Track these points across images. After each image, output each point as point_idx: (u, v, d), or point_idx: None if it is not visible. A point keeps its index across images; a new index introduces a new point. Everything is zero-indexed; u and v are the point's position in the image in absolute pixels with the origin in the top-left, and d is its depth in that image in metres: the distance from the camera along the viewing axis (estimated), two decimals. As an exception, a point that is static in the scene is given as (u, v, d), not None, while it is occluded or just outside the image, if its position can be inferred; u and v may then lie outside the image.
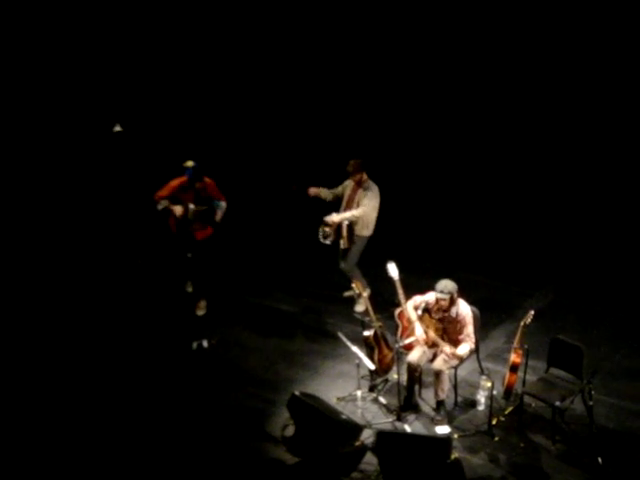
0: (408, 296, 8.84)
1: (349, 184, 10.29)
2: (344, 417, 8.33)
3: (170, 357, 9.65)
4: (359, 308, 10.36)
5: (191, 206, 10.00)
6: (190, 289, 10.76)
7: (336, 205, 10.34)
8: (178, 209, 10.00)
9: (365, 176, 10.18)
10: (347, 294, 10.30)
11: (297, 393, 8.35)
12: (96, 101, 13.70)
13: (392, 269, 8.92)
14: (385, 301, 9.77)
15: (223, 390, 9.14)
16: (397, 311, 8.92)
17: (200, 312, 10.52)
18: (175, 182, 10.08)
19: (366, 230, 10.23)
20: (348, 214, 10.09)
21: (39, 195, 12.91)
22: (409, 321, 8.75)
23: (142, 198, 10.72)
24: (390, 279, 8.90)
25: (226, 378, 9.35)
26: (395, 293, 8.88)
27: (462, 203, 12.97)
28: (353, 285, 9.42)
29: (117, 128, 10.14)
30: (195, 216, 10.02)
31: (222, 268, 11.36)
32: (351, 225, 10.15)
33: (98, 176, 12.88)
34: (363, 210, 10.06)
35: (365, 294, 9.35)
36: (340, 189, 10.37)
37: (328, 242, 10.17)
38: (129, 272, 11.31)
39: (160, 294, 10.89)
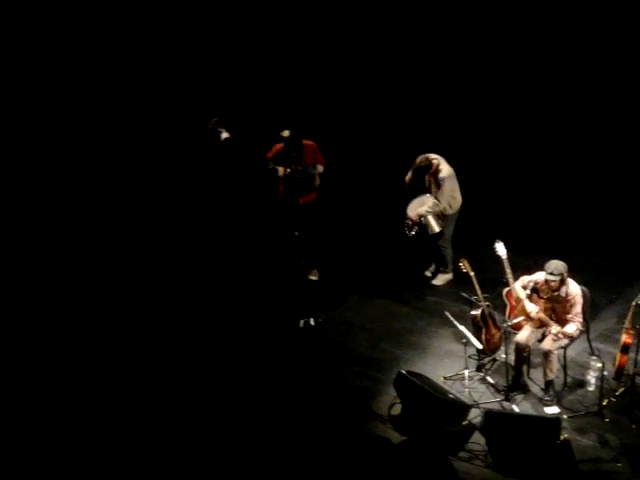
0: (516, 275, 8.78)
1: None
2: (451, 396, 8.34)
3: (277, 334, 9.76)
4: (437, 282, 10.52)
5: (287, 170, 10.29)
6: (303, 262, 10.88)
7: None
8: (281, 170, 10.34)
9: (435, 163, 10.10)
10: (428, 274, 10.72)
11: (404, 372, 8.37)
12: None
13: (500, 248, 8.85)
14: (492, 280, 9.67)
15: (330, 368, 9.22)
16: (505, 290, 8.85)
17: (313, 277, 10.76)
18: (278, 146, 10.40)
19: (450, 210, 10.22)
20: (423, 209, 10.09)
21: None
22: (517, 300, 8.67)
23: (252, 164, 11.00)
24: (498, 258, 8.84)
25: (333, 356, 9.41)
26: (503, 272, 8.82)
27: (568, 181, 12.69)
28: (461, 263, 9.34)
29: (224, 135, 10.46)
30: (289, 180, 10.31)
31: (329, 240, 11.34)
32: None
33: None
34: (434, 203, 10.08)
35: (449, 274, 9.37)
36: None
37: (414, 234, 10.18)
38: (241, 248, 11.45)
39: (268, 270, 10.97)
